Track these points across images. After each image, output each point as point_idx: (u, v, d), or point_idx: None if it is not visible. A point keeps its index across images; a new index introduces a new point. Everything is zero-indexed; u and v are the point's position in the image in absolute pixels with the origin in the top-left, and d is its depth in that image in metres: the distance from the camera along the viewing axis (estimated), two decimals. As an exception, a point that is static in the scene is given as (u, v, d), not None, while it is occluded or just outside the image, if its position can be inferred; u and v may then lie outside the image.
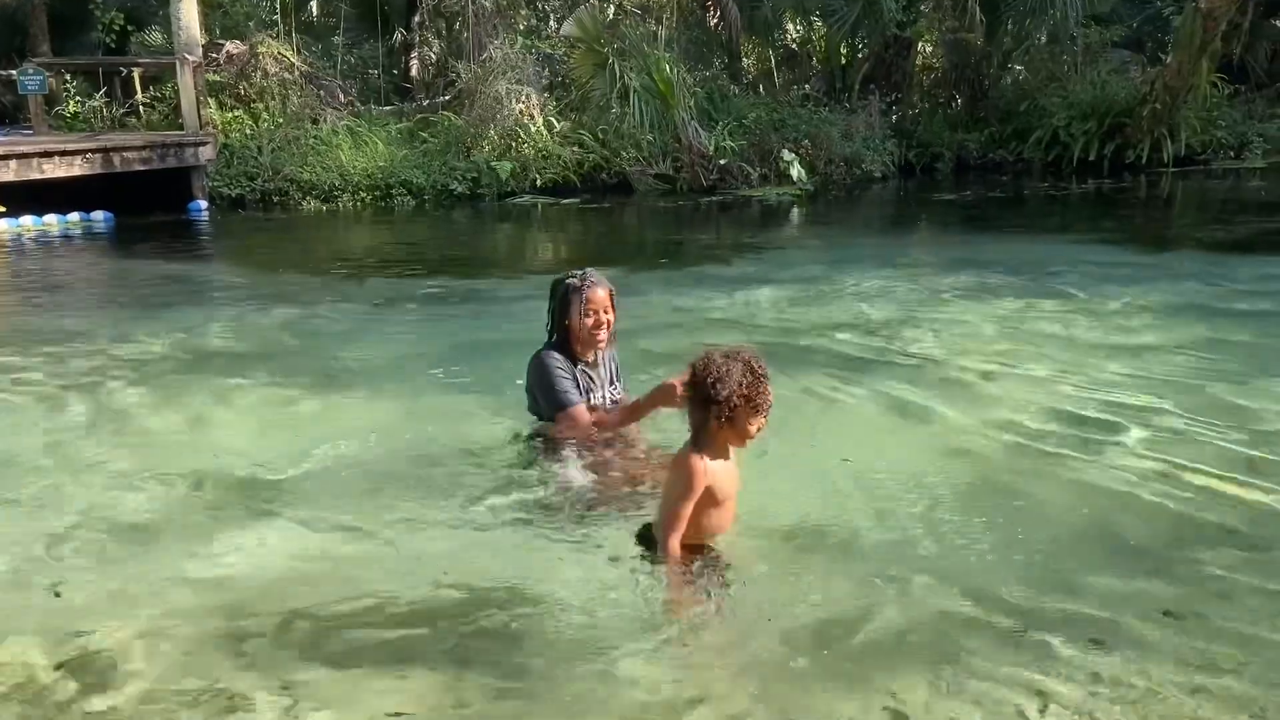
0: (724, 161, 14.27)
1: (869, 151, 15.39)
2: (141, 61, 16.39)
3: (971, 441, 4.22)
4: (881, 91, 16.58)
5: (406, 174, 13.90)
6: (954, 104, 17.52)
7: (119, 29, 17.58)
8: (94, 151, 12.52)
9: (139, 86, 15.44)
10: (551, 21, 18.57)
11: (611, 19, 16.50)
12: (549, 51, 16.72)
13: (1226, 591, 2.95)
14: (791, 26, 18.97)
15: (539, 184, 14.11)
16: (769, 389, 2.89)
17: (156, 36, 20.20)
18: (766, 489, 3.50)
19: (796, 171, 14.26)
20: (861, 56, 17.53)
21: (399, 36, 18.12)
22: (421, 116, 15.22)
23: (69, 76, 16.00)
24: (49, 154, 12.06)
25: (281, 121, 14.38)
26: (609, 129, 14.43)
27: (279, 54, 15.13)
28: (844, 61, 17.81)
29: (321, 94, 15.36)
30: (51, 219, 11.92)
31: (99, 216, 12.30)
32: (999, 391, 4.88)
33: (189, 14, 13.67)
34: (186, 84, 13.56)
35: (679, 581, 2.92)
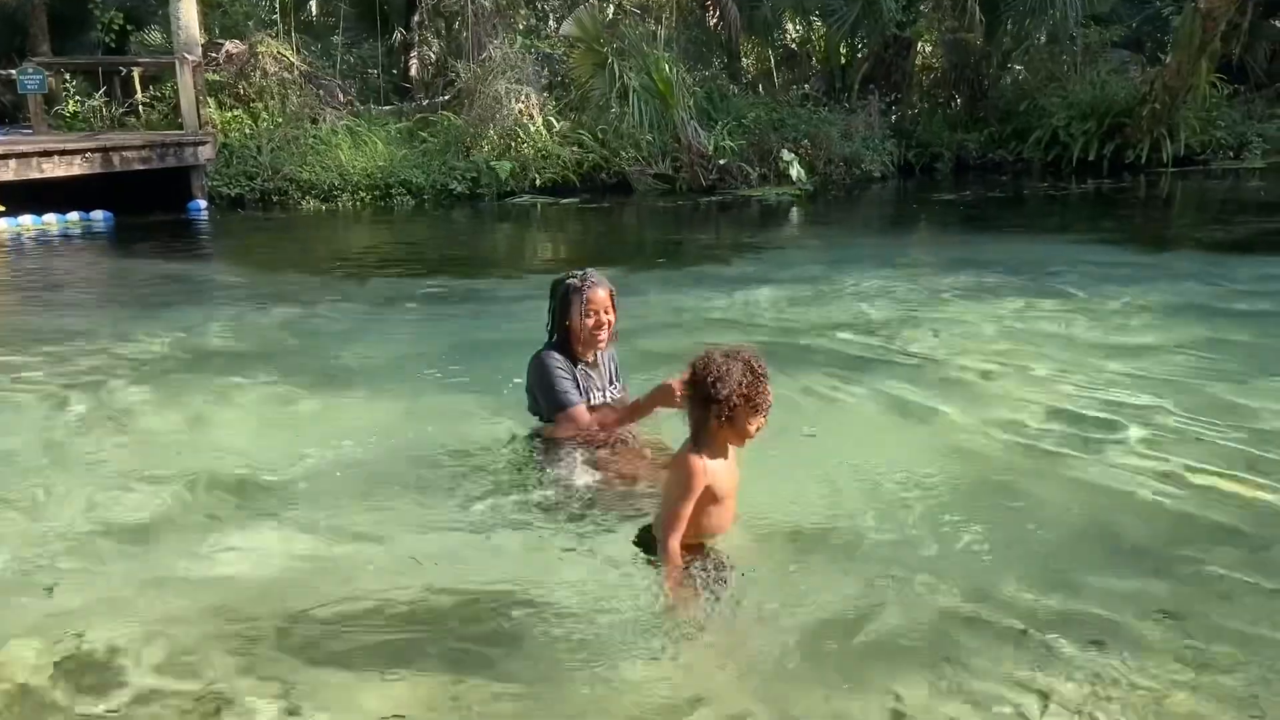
0: (723, 161, 14.27)
1: (868, 151, 15.38)
2: (141, 61, 16.39)
3: (971, 441, 4.23)
4: (881, 91, 16.58)
5: (406, 174, 13.89)
6: (953, 104, 17.52)
7: (118, 28, 17.57)
8: (93, 151, 12.51)
9: (138, 86, 15.45)
10: (551, 21, 18.57)
11: (611, 19, 16.48)
12: (548, 51, 16.71)
13: (1226, 591, 2.95)
14: (791, 26, 18.97)
15: (538, 184, 14.11)
16: (769, 389, 2.89)
17: (156, 36, 20.20)
18: (766, 489, 3.50)
19: (796, 171, 14.26)
20: (861, 56, 17.53)
21: (398, 36, 18.12)
22: (421, 116, 15.21)
23: (68, 76, 16.00)
24: (48, 153, 12.04)
25: (281, 121, 14.37)
26: (608, 129, 14.43)
27: (278, 53, 15.12)
28: (843, 61, 17.81)
29: (321, 93, 15.37)
30: (51, 218, 11.92)
31: (98, 216, 12.30)
32: (999, 391, 4.88)
33: (188, 13, 13.65)
34: (186, 83, 13.55)
35: (679, 582, 2.92)
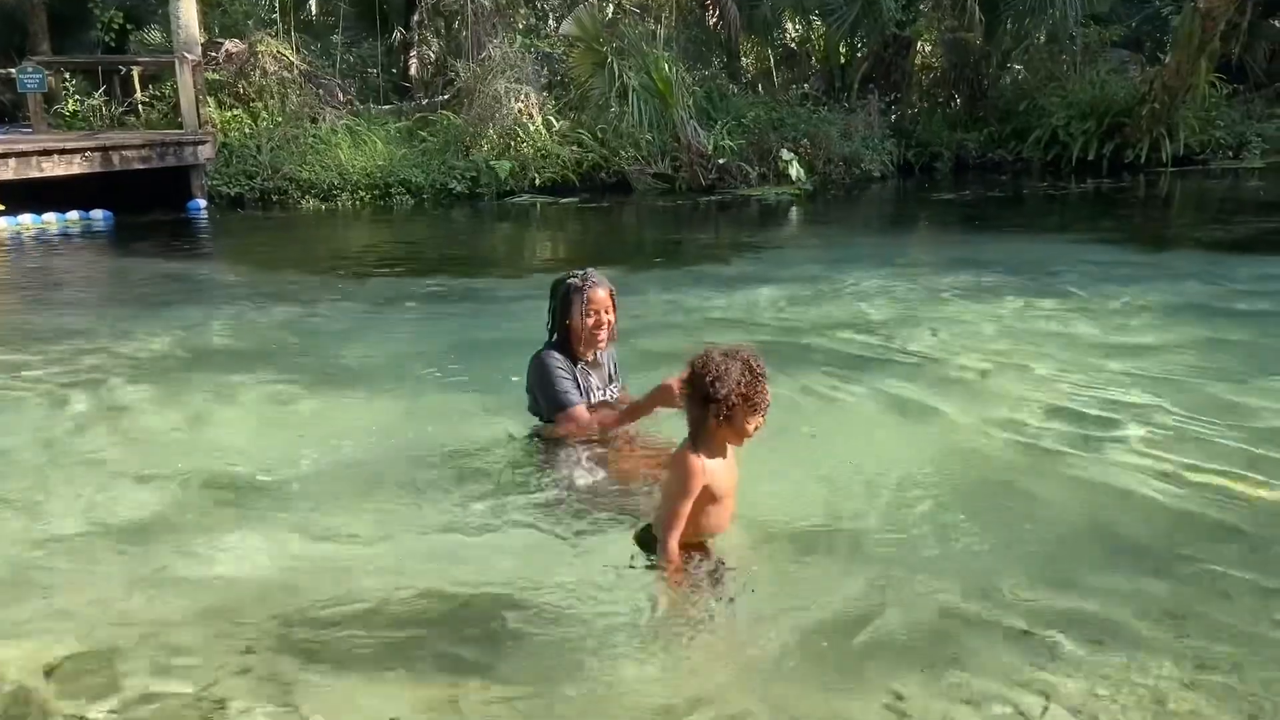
0: (723, 161, 14.26)
1: (868, 151, 15.38)
2: (141, 60, 16.39)
3: (971, 440, 4.23)
4: (880, 91, 16.58)
5: (405, 173, 13.89)
6: (953, 103, 17.53)
7: (118, 27, 17.58)
8: (93, 150, 12.51)
9: (138, 85, 15.46)
10: (550, 20, 18.58)
11: (610, 18, 16.47)
12: (548, 50, 16.71)
13: (1226, 590, 2.95)
14: (790, 26, 18.97)
15: (538, 183, 14.11)
16: (767, 388, 2.89)
17: (155, 35, 20.21)
18: (766, 488, 3.51)
19: (795, 171, 14.26)
20: (860, 56, 17.53)
21: (398, 35, 18.12)
22: (420, 115, 15.21)
23: (68, 75, 16.01)
24: (48, 152, 12.04)
25: (280, 120, 14.37)
26: (608, 128, 14.43)
27: (278, 53, 15.12)
28: (843, 61, 17.81)
29: (320, 93, 15.37)
30: (50, 217, 11.92)
31: (98, 215, 12.30)
32: (998, 390, 4.88)
33: (188, 13, 13.64)
34: (185, 83, 13.55)
35: (678, 581, 2.92)
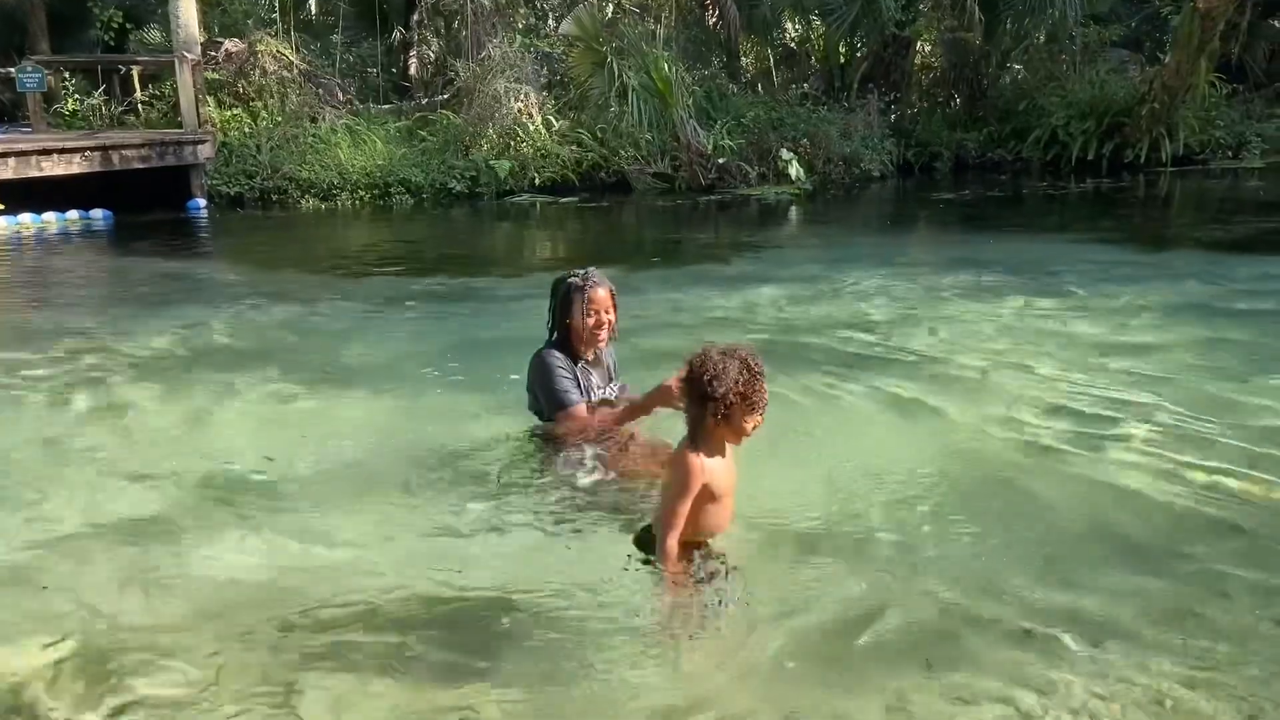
0: (722, 160, 14.26)
1: (867, 150, 15.38)
2: (140, 59, 16.38)
3: (971, 439, 4.23)
4: (880, 90, 16.58)
5: (405, 172, 13.89)
6: (953, 103, 17.52)
7: (118, 27, 17.57)
8: (93, 149, 12.50)
9: (138, 84, 15.45)
10: (550, 20, 18.57)
11: (610, 18, 16.47)
12: (547, 50, 16.70)
13: (1226, 590, 2.96)
14: (790, 25, 18.97)
15: (537, 183, 14.10)
16: (765, 386, 2.89)
17: (155, 34, 20.21)
18: (766, 488, 3.51)
19: (795, 170, 14.25)
20: (860, 55, 17.53)
21: (397, 35, 18.12)
22: (420, 115, 15.20)
23: (67, 74, 16.00)
24: (47, 152, 12.04)
25: (280, 120, 14.37)
26: (607, 128, 14.42)
27: (278, 52, 15.12)
28: (842, 60, 17.81)
29: (320, 92, 15.36)
30: (50, 217, 11.91)
31: (98, 215, 12.30)
32: (998, 390, 4.88)
33: (187, 12, 13.64)
34: (185, 82, 13.54)
35: (678, 581, 2.92)
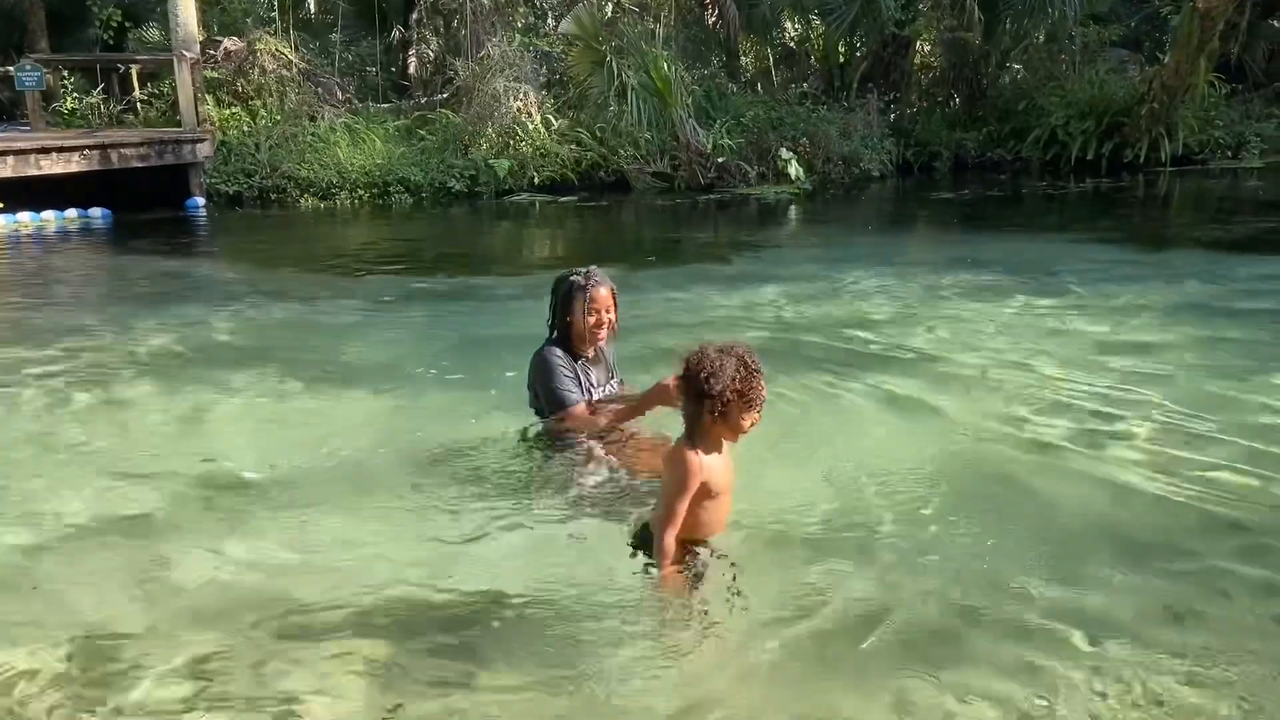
0: (722, 160, 14.25)
1: (867, 150, 15.36)
2: (139, 58, 16.36)
3: (970, 438, 4.23)
4: (880, 90, 16.57)
5: (404, 171, 13.88)
6: (952, 103, 17.51)
7: (117, 25, 17.52)
8: (91, 148, 12.49)
9: (137, 83, 15.44)
10: (549, 19, 18.56)
11: (609, 17, 16.47)
12: (547, 49, 16.69)
13: (1226, 587, 2.96)
14: (789, 25, 18.96)
15: (537, 182, 14.10)
16: (762, 383, 2.89)
17: (154, 33, 20.20)
18: (766, 487, 3.51)
19: (794, 170, 14.25)
20: (860, 55, 17.52)
21: (397, 34, 18.10)
22: (419, 114, 15.19)
23: (66, 73, 15.98)
24: (46, 150, 12.03)
25: (279, 118, 14.35)
26: (607, 127, 14.41)
27: (277, 51, 15.10)
28: (842, 60, 17.80)
29: (319, 91, 15.35)
30: (49, 216, 11.91)
31: (96, 213, 12.29)
32: (997, 388, 4.88)
33: (186, 10, 13.63)
34: (184, 81, 13.53)
35: (676, 579, 2.92)
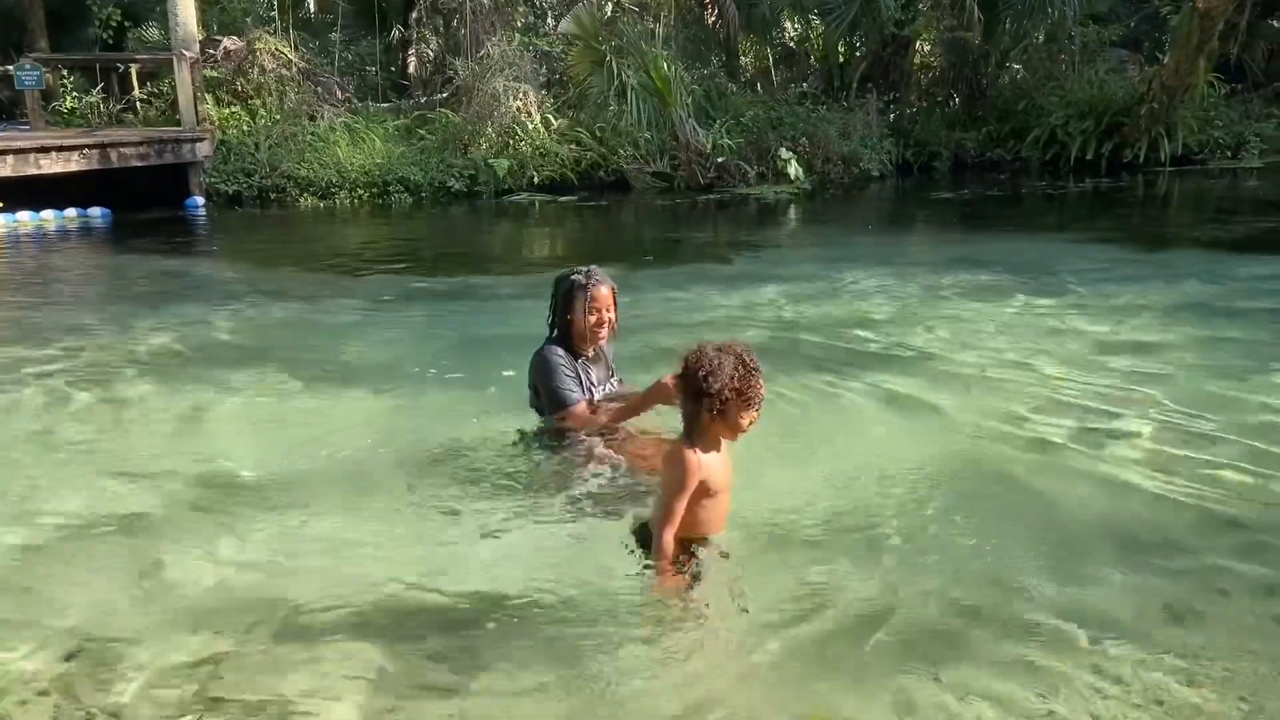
0: (721, 159, 14.25)
1: (866, 150, 15.37)
2: (139, 57, 16.35)
3: (970, 437, 4.23)
4: (879, 90, 16.57)
5: (404, 171, 13.88)
6: (952, 103, 17.51)
7: (116, 25, 17.51)
8: (91, 147, 12.48)
9: (136, 82, 15.43)
10: (549, 19, 18.55)
11: (609, 16, 16.46)
12: (546, 49, 16.68)
13: (1227, 586, 2.96)
14: (789, 25, 18.96)
15: (536, 181, 14.10)
16: (760, 382, 2.89)
17: (154, 32, 20.19)
18: (766, 486, 3.51)
19: (794, 170, 14.25)
20: (859, 55, 17.52)
21: (396, 33, 18.10)
22: (419, 113, 15.19)
23: (66, 72, 15.98)
24: (46, 149, 12.02)
25: (279, 118, 14.36)
26: (606, 126, 14.42)
27: (276, 50, 15.10)
28: (842, 60, 17.80)
29: (319, 90, 15.34)
30: (48, 215, 11.90)
31: (96, 213, 12.29)
32: (998, 388, 4.88)
33: (186, 10, 13.62)
34: (184, 80, 13.53)
35: (674, 578, 2.91)
